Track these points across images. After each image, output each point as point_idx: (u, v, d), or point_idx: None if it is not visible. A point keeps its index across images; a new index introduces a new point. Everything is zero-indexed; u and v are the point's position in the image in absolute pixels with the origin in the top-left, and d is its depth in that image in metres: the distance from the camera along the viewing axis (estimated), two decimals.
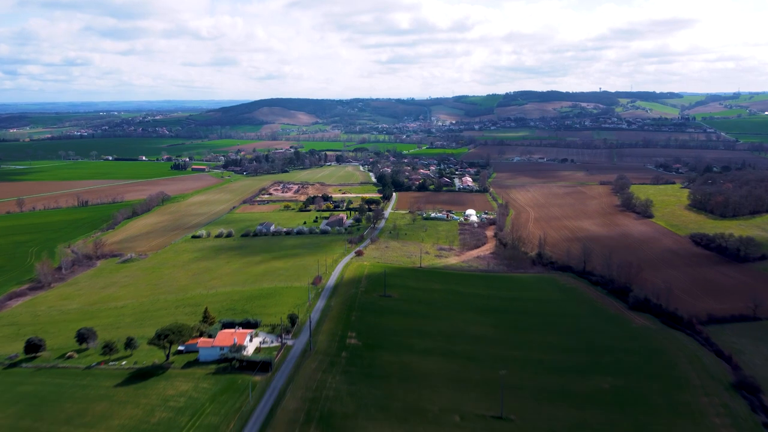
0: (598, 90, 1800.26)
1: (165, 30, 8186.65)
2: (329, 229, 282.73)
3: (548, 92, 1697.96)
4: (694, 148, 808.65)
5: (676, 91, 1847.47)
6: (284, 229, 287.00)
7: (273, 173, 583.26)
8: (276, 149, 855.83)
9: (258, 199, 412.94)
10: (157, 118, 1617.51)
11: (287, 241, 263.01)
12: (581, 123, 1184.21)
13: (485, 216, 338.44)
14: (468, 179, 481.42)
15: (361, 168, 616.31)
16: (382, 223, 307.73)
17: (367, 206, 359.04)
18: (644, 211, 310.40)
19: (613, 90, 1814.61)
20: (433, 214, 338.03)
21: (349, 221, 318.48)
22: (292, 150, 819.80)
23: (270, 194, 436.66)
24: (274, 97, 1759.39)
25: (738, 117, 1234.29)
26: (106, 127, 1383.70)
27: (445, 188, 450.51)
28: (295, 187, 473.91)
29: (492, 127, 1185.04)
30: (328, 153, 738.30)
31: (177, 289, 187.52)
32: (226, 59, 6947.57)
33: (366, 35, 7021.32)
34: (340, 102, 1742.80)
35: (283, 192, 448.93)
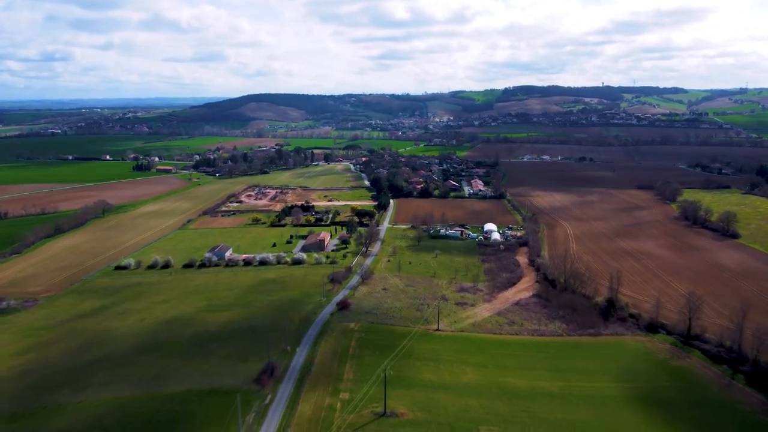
0: (600, 85, 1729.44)
1: (141, 21, 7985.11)
2: (304, 257, 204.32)
3: (549, 87, 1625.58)
4: (717, 145, 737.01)
5: (672, 87, 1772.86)
6: (243, 258, 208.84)
7: (250, 174, 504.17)
8: (260, 147, 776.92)
9: (224, 208, 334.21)
10: (139, 114, 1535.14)
11: (241, 279, 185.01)
12: (588, 119, 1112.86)
13: (510, 232, 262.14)
14: (478, 182, 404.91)
15: (353, 168, 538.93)
16: (377, 246, 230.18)
17: (357, 219, 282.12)
18: (724, 229, 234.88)
19: (614, 86, 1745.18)
20: (443, 231, 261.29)
21: (334, 242, 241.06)
22: (277, 147, 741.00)
23: (240, 202, 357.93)
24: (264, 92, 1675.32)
25: (752, 113, 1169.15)
26: (83, 124, 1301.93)
27: (452, 194, 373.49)
28: (272, 192, 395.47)
29: (493, 124, 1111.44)
30: (315, 152, 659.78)
31: (30, 387, 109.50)
32: (212, 54, 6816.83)
33: (354, 27, 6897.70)
34: (332, 97, 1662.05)
35: (256, 199, 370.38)
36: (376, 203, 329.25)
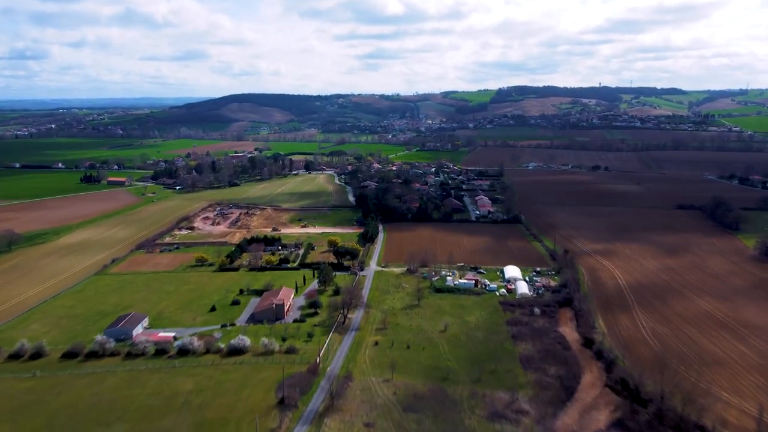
0: (597, 85, 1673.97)
1: (112, 16, 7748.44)
2: (247, 343, 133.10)
3: (545, 87, 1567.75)
4: (735, 151, 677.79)
5: (670, 87, 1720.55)
6: (156, 339, 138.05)
7: (217, 187, 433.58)
8: (236, 152, 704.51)
9: (167, 239, 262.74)
10: (114, 115, 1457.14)
11: (136, 393, 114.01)
12: (588, 121, 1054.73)
13: (539, 280, 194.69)
14: (485, 200, 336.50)
15: (336, 179, 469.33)
16: (359, 315, 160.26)
17: (336, 260, 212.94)
18: None
19: (611, 86, 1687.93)
20: (450, 280, 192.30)
21: (300, 302, 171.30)
22: (252, 154, 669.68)
23: (191, 228, 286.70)
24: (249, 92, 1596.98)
25: (758, 114, 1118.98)
26: (52, 126, 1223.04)
27: (455, 216, 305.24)
28: (236, 213, 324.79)
29: (488, 126, 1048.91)
30: (296, 159, 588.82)
31: None
32: (194, 52, 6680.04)
33: (336, 24, 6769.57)
34: (318, 98, 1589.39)
35: (213, 223, 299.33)
36: (363, 230, 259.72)
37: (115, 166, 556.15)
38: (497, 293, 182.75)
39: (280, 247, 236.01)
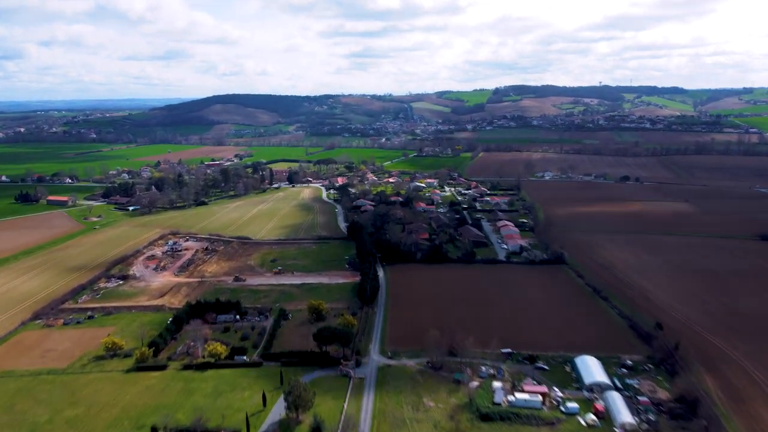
0: (598, 84, 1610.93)
1: (80, 12, 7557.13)
2: None
3: (544, 87, 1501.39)
4: (766, 155, 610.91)
5: (672, 86, 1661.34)
6: None
7: (179, 207, 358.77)
8: (212, 160, 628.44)
9: (83, 299, 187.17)
10: (90, 117, 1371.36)
11: None
12: (594, 122, 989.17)
13: (636, 384, 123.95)
14: (511, 229, 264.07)
15: (324, 194, 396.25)
16: None
17: (318, 347, 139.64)
18: None
19: (612, 85, 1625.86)
20: (499, 389, 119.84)
21: None
22: (236, 159, 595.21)
23: (126, 276, 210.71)
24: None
25: None
26: (21, 130, 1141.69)
27: (477, 253, 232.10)
28: (192, 249, 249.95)
29: (488, 128, 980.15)
30: (278, 168, 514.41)
31: None
32: (175, 51, 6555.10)
33: (320, 19, 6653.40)
34: (307, 98, 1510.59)
35: (158, 266, 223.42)
36: (357, 283, 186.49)
37: (68, 180, 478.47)
38: (581, 421, 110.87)
39: (237, 318, 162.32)
